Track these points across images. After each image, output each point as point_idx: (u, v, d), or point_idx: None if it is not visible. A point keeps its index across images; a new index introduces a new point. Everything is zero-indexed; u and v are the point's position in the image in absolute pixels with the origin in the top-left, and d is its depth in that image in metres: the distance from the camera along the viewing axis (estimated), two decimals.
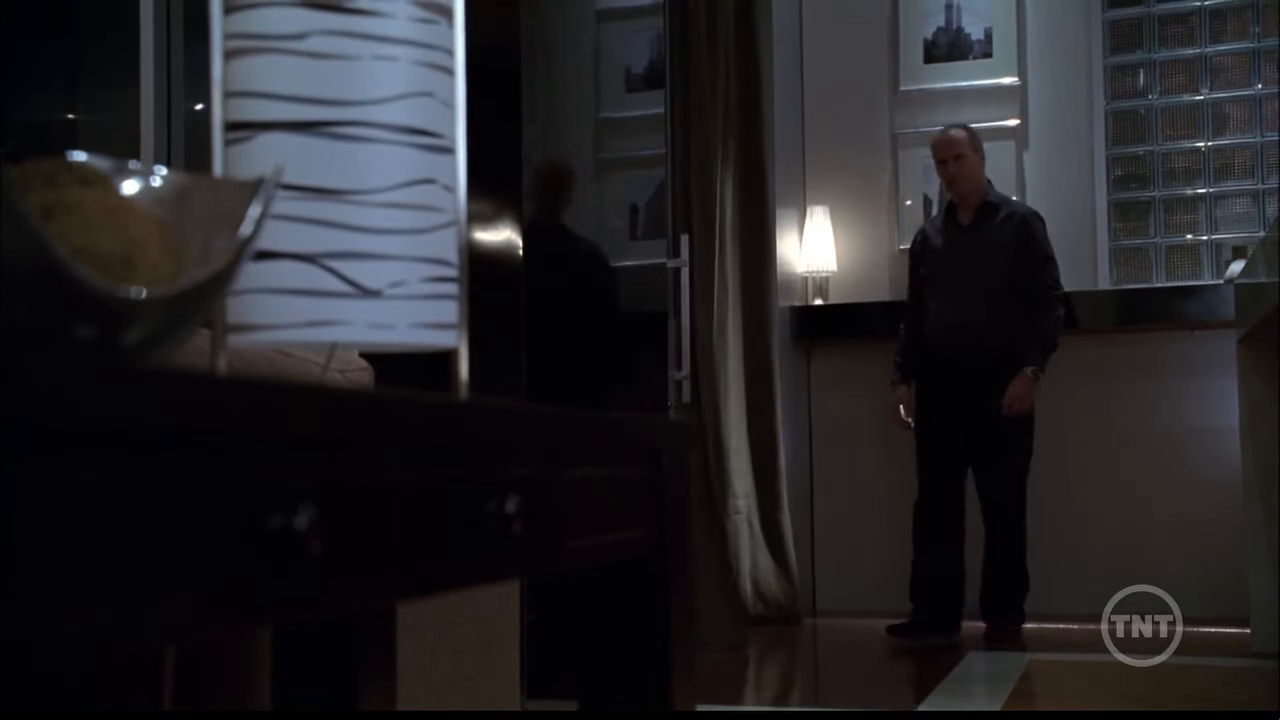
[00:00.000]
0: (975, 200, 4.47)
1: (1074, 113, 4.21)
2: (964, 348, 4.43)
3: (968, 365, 4.43)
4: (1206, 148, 4.04)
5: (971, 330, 4.42)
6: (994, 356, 4.39)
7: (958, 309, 4.45)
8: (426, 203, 1.21)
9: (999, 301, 4.41)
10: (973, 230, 4.49)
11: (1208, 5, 3.91)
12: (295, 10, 1.14)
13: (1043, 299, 4.38)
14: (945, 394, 4.50)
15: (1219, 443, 4.04)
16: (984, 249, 4.46)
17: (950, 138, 4.44)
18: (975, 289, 4.44)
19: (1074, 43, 4.14)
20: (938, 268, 4.55)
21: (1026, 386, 4.33)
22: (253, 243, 0.85)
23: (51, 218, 0.78)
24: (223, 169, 1.16)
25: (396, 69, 1.19)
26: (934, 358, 4.54)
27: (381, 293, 1.19)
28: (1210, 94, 3.98)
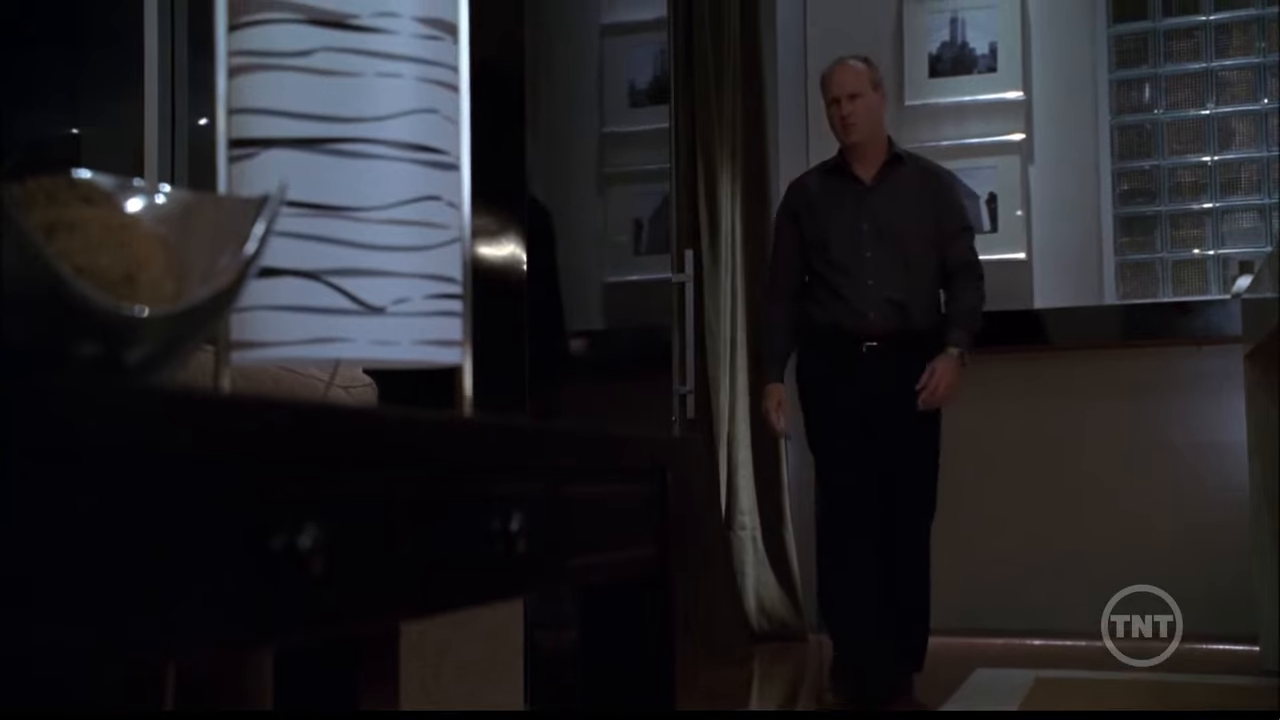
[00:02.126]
0: (877, 151, 3.70)
1: (1079, 127, 4.21)
2: (882, 332, 3.60)
3: (883, 353, 3.60)
4: (1212, 162, 4.03)
5: (892, 310, 3.61)
6: (921, 342, 3.62)
7: (871, 285, 3.61)
8: (430, 219, 1.21)
9: (919, 275, 3.65)
10: (879, 188, 3.67)
11: (1213, 20, 3.91)
12: (299, 27, 1.14)
13: (966, 272, 3.68)
14: (850, 389, 3.63)
15: (1226, 458, 4.03)
16: (896, 211, 3.65)
17: (847, 69, 3.68)
18: (889, 259, 3.62)
19: (1079, 58, 4.14)
20: (838, 233, 3.65)
21: (954, 371, 3.58)
22: (256, 261, 0.85)
23: (54, 236, 0.78)
24: (227, 186, 1.16)
25: (401, 86, 1.19)
26: (832, 345, 3.66)
27: (385, 309, 1.18)
28: (1216, 109, 3.98)
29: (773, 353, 3.80)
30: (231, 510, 0.69)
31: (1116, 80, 4.10)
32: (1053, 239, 4.30)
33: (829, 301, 3.66)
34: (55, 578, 0.56)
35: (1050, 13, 4.17)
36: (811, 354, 3.76)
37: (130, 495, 0.61)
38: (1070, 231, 4.30)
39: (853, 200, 3.69)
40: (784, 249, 3.79)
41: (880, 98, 3.72)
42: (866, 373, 3.63)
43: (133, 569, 0.61)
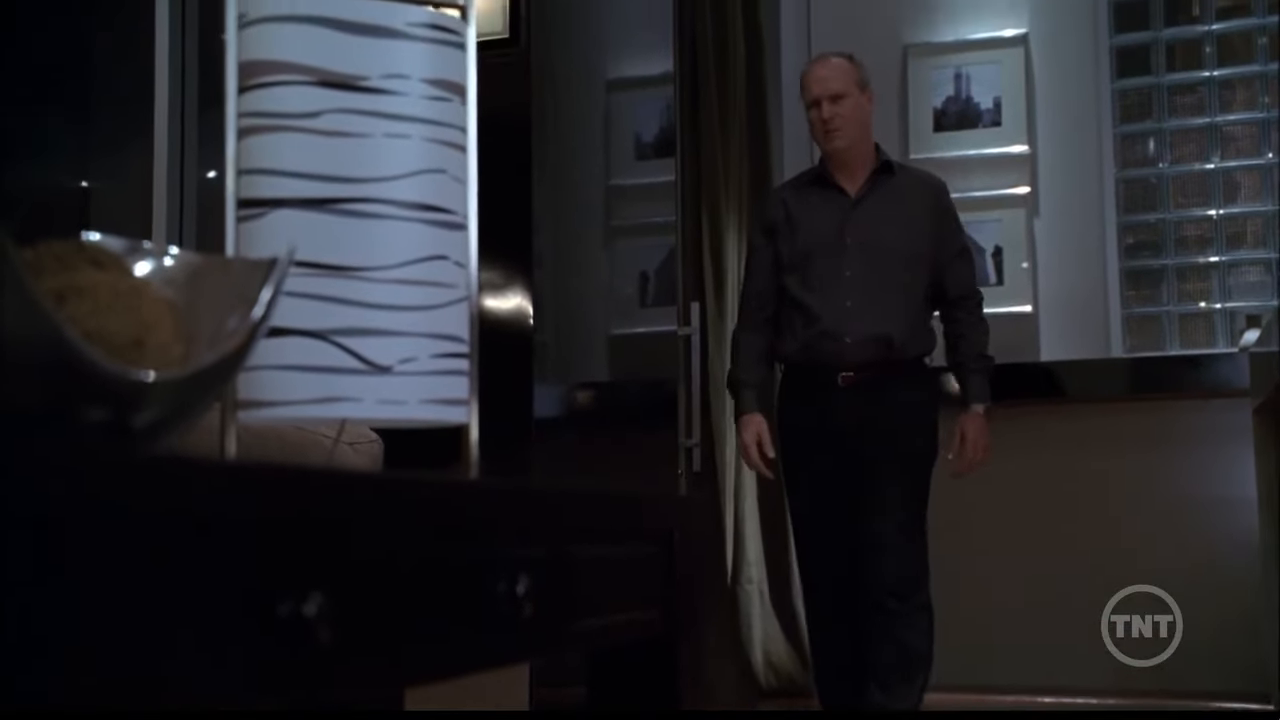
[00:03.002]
0: (864, 159, 3.26)
1: (1084, 181, 4.22)
2: (859, 361, 3.16)
3: (861, 387, 3.17)
4: (1218, 216, 4.04)
5: (871, 337, 3.16)
6: (905, 374, 3.23)
7: (857, 309, 3.17)
8: (438, 279, 1.21)
9: (912, 300, 3.22)
10: (867, 201, 3.23)
11: (1216, 76, 3.93)
12: (309, 89, 1.15)
13: (968, 302, 3.28)
14: (824, 431, 3.21)
15: (1235, 513, 4.02)
16: (884, 226, 3.21)
17: (828, 65, 3.27)
18: (878, 282, 3.18)
19: (1083, 112, 4.16)
20: (818, 250, 3.21)
21: (984, 429, 3.23)
22: (264, 326, 0.85)
23: (64, 301, 0.78)
24: (235, 246, 1.17)
25: (409, 146, 1.19)
26: (806, 377, 3.25)
27: (392, 369, 1.19)
28: (1221, 163, 3.99)
29: (746, 381, 3.33)
30: (236, 577, 0.69)
31: (1121, 134, 4.12)
32: (1059, 292, 4.30)
33: (803, 327, 3.20)
34: (57, 642, 0.56)
35: (1054, 68, 4.20)
36: (785, 390, 3.37)
37: (132, 562, 0.61)
38: (1076, 284, 4.30)
39: (835, 213, 3.22)
40: (758, 269, 3.34)
41: (867, 99, 3.28)
42: (841, 409, 3.17)
43: (137, 635, 0.61)
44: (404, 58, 1.19)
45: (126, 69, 4.00)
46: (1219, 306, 4.08)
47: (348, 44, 1.16)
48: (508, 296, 3.37)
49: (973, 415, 3.24)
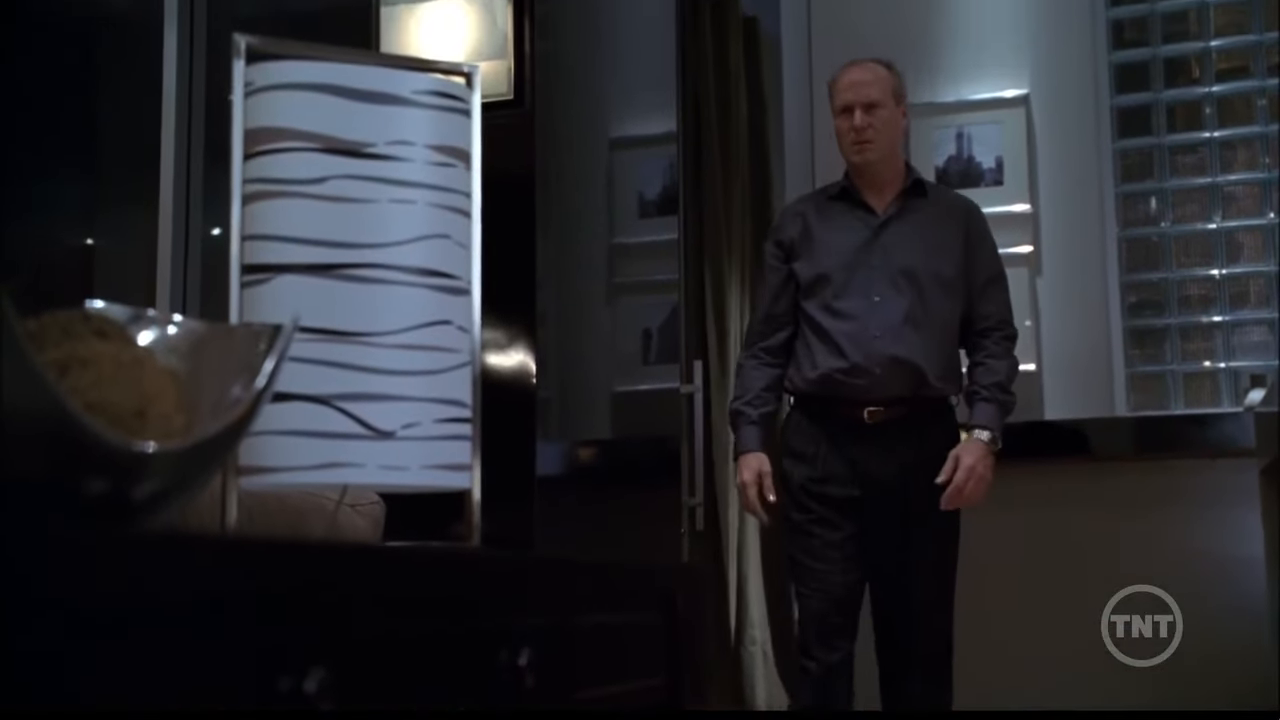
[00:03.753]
0: (894, 177, 3.00)
1: (1087, 240, 4.23)
2: (889, 397, 2.87)
3: (890, 424, 2.88)
4: (1221, 276, 4.05)
5: (903, 370, 2.86)
6: (936, 412, 2.94)
7: (878, 338, 2.87)
8: (441, 344, 1.21)
9: (947, 331, 2.95)
10: (897, 220, 2.96)
11: (1217, 137, 3.95)
12: (315, 155, 1.16)
13: (998, 332, 3.00)
14: (845, 471, 2.90)
15: (1243, 573, 3.99)
16: (915, 249, 2.93)
17: (866, 70, 3.01)
18: (910, 309, 2.89)
19: (1085, 171, 4.18)
20: (842, 272, 2.92)
21: (985, 460, 2.88)
22: (265, 396, 0.84)
23: (67, 372, 0.78)
24: (239, 312, 1.17)
25: (414, 212, 1.20)
26: (825, 411, 2.93)
27: (394, 434, 1.18)
28: (1223, 223, 4.00)
29: (749, 415, 2.98)
30: (236, 653, 0.68)
31: (1123, 194, 4.13)
32: (1062, 350, 4.30)
33: (824, 356, 2.89)
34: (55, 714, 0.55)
35: (1055, 128, 4.22)
36: (798, 424, 2.98)
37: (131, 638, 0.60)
38: (1080, 343, 4.30)
39: (862, 233, 2.94)
40: (770, 290, 3.03)
41: (902, 113, 3.03)
42: (867, 449, 2.87)
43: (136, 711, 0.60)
44: (409, 124, 1.20)
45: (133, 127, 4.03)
46: (1223, 366, 4.08)
47: (354, 111, 1.17)
48: (511, 353, 3.37)
49: (972, 442, 2.88)
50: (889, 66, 3.03)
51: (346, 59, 1.19)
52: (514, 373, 3.37)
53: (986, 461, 2.90)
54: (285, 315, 1.14)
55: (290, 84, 1.17)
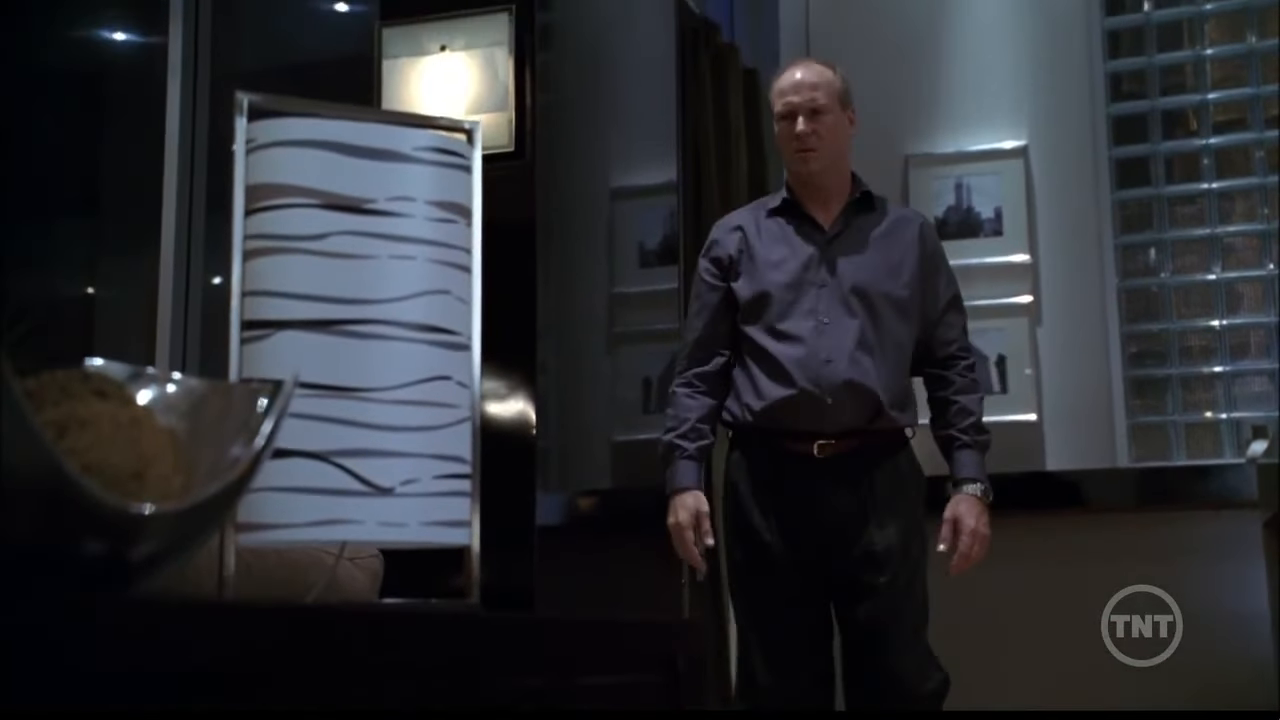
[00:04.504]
0: (840, 188, 2.74)
1: (1086, 290, 4.24)
2: (842, 428, 2.59)
3: (844, 459, 2.60)
4: (1221, 326, 4.05)
5: (857, 399, 2.59)
6: (893, 444, 2.67)
7: (829, 364, 2.59)
8: (440, 399, 1.21)
9: (902, 357, 2.69)
10: (844, 235, 2.70)
11: (1215, 189, 3.96)
12: (316, 211, 1.16)
13: (960, 364, 2.76)
14: (795, 512, 2.62)
15: (1247, 627, 3.97)
16: (866, 268, 2.67)
17: (810, 70, 2.73)
18: (862, 332, 2.62)
19: (1084, 222, 4.19)
20: (786, 292, 2.65)
21: (981, 516, 2.67)
22: (264, 457, 0.84)
23: (65, 433, 0.78)
24: (238, 368, 1.17)
25: (414, 268, 1.20)
26: (770, 446, 2.65)
27: (393, 490, 1.18)
28: (1223, 274, 4.01)
29: (683, 449, 2.69)
30: None
31: (1122, 244, 4.14)
32: (1063, 401, 4.29)
33: (768, 383, 2.61)
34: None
35: (1054, 179, 4.24)
36: (739, 460, 2.71)
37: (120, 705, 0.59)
38: (1081, 394, 4.30)
39: (807, 249, 2.67)
40: (705, 311, 2.75)
41: (850, 119, 2.76)
42: (819, 486, 2.59)
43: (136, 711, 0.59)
44: (410, 180, 1.20)
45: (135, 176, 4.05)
46: (1225, 417, 4.07)
47: (354, 168, 1.17)
48: (511, 403, 3.37)
49: (965, 497, 2.66)
50: (834, 68, 2.77)
51: (348, 116, 1.19)
52: (514, 423, 3.37)
53: (984, 518, 2.69)
54: (285, 371, 1.14)
55: (292, 141, 1.17)
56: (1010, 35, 4.34)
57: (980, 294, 4.33)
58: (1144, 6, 4.02)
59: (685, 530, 2.66)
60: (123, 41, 4.39)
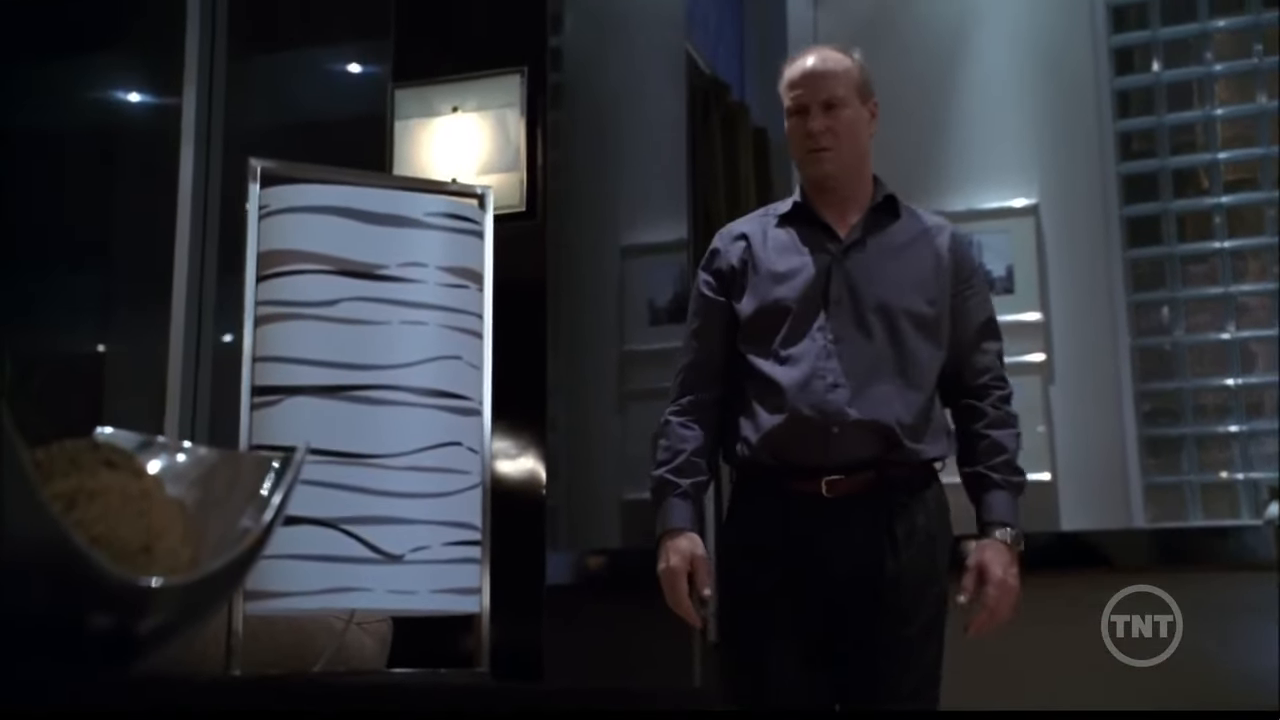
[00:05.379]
0: (860, 192, 2.39)
1: (1099, 348, 4.23)
2: (854, 461, 2.25)
3: (856, 498, 2.25)
4: (1236, 385, 4.04)
5: (872, 430, 2.25)
6: (921, 487, 2.31)
7: (840, 389, 2.25)
8: (451, 465, 1.20)
9: (923, 381, 2.32)
10: (861, 245, 2.35)
11: (1228, 248, 3.96)
12: (328, 278, 1.16)
13: (993, 390, 2.43)
14: (811, 551, 2.25)
15: (1262, 690, 3.92)
16: (887, 281, 2.33)
17: (825, 61, 2.38)
18: (878, 354, 2.29)
19: (1095, 280, 4.19)
20: (793, 309, 2.31)
21: (1010, 567, 2.29)
22: (274, 529, 0.83)
23: (74, 505, 0.77)
24: (248, 435, 1.16)
25: (425, 333, 1.20)
26: (775, 483, 2.30)
27: (403, 558, 1.17)
28: (1237, 333, 3.99)
29: (676, 485, 2.36)
30: None
31: (1134, 303, 4.14)
32: (1077, 460, 4.27)
33: (767, 413, 2.27)
34: None
35: (1065, 237, 4.24)
36: (739, 500, 2.41)
37: None
38: (1095, 453, 4.27)
39: (820, 260, 2.32)
40: (704, 332, 2.41)
41: (871, 113, 2.42)
42: (827, 529, 2.24)
43: None
44: (422, 246, 1.20)
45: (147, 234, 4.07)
46: (1241, 477, 4.05)
47: (367, 234, 1.17)
48: (520, 462, 3.36)
49: (994, 544, 2.28)
50: (851, 55, 2.42)
51: (360, 182, 1.20)
52: (524, 481, 3.36)
53: (1014, 569, 2.30)
54: (295, 437, 1.13)
55: (304, 207, 1.17)
56: (1020, 94, 4.36)
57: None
58: (1153, 66, 4.03)
59: (678, 577, 2.31)
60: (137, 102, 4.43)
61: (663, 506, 2.40)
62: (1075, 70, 4.25)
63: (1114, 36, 4.13)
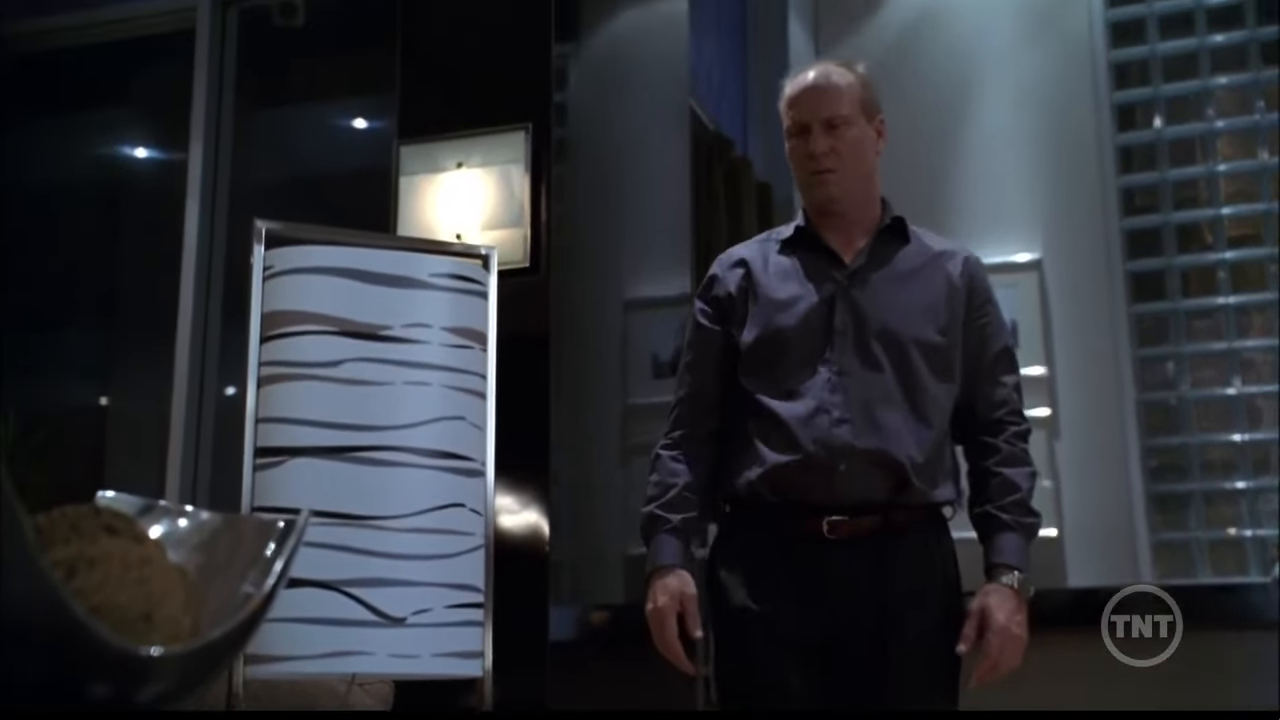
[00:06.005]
0: (868, 214, 2.27)
1: (1104, 404, 4.22)
2: (861, 502, 2.11)
3: (863, 540, 2.09)
4: (1242, 441, 4.02)
5: (880, 467, 2.11)
6: (930, 530, 2.16)
7: (847, 424, 2.11)
8: (454, 527, 1.20)
9: (935, 416, 2.16)
10: (869, 271, 2.22)
11: (1232, 303, 3.96)
12: (332, 339, 1.16)
13: (1010, 429, 2.22)
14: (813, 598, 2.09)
15: None
16: (895, 310, 2.19)
17: (827, 76, 2.23)
18: (886, 387, 2.15)
19: (1100, 335, 4.19)
20: (796, 338, 2.18)
21: (1016, 614, 2.09)
22: (275, 596, 0.83)
23: (74, 573, 0.77)
24: (251, 495, 1.15)
25: (428, 394, 1.19)
26: (775, 522, 2.14)
27: (405, 620, 1.16)
28: (1242, 388, 3.99)
29: (667, 521, 2.16)
30: None
31: (1139, 358, 4.13)
32: (1083, 516, 4.25)
33: (769, 448, 2.13)
34: None
35: (1069, 292, 4.24)
36: (733, 541, 2.20)
37: None
38: (1101, 509, 4.25)
39: (825, 287, 2.20)
40: (699, 362, 2.26)
41: (878, 131, 2.29)
42: (830, 573, 2.09)
43: None
44: (426, 307, 1.20)
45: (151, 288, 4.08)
46: (1249, 534, 4.03)
47: (371, 295, 1.17)
48: (523, 516, 3.35)
49: (999, 589, 2.10)
50: (855, 70, 2.28)
51: (364, 243, 1.20)
52: (527, 536, 3.35)
53: (1019, 616, 2.10)
54: (298, 498, 1.13)
55: (309, 268, 1.17)
56: (1024, 149, 4.38)
57: None
58: (1155, 123, 4.05)
59: (667, 618, 2.08)
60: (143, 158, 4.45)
61: (652, 543, 2.18)
62: (1078, 126, 4.27)
63: (1116, 93, 4.16)
